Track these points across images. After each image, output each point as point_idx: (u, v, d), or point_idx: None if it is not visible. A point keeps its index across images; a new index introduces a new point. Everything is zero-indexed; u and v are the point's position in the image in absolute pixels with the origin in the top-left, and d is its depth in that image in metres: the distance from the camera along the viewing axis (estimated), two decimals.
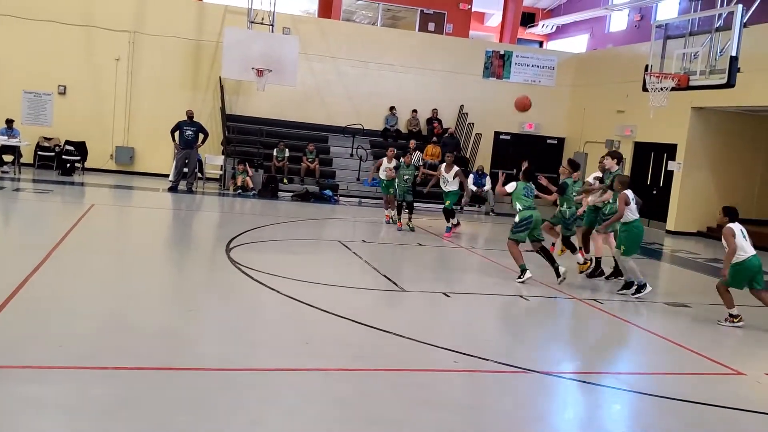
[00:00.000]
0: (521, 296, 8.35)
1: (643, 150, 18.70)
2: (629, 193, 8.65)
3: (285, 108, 20.09)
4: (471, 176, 18.65)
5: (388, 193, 14.12)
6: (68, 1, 18.72)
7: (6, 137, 17.08)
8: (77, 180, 17.30)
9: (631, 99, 18.11)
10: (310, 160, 18.62)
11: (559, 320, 8.01)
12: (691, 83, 11.95)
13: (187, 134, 16.99)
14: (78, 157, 18.58)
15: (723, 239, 7.61)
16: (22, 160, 17.70)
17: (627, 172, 19.07)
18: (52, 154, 18.68)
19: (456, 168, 13.07)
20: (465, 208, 18.44)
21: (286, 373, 5.14)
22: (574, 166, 10.18)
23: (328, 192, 17.69)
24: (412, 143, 18.41)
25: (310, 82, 20.12)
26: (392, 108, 20.92)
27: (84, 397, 4.32)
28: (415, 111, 21.08)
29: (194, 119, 17.39)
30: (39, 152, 18.66)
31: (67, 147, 18.55)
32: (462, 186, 13.28)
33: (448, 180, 13.07)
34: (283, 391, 4.82)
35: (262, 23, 18.80)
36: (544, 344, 6.85)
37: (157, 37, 19.25)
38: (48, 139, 18.83)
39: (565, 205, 9.92)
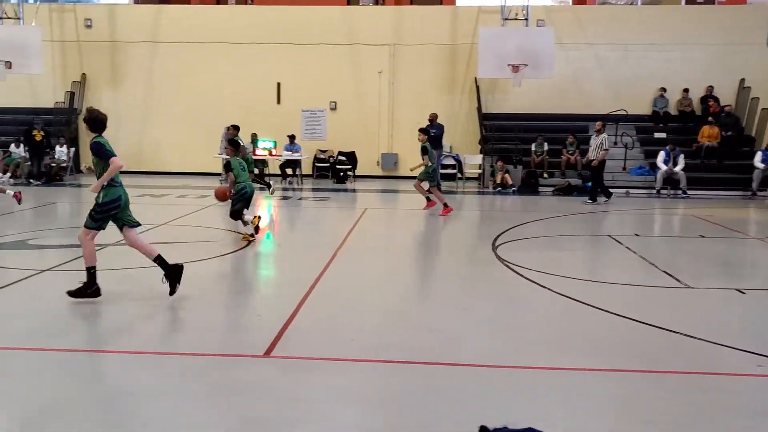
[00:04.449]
0: None
1: None
2: None
3: (541, 101, 19.76)
4: (759, 153, 16.66)
5: None
6: (335, 23, 20.41)
7: (289, 152, 19.10)
8: (349, 187, 18.75)
9: None
10: (570, 152, 18.07)
11: None
12: None
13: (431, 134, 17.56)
14: (349, 166, 20.14)
15: None
16: (302, 172, 19.71)
17: None
18: (327, 164, 20.49)
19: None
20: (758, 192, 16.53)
21: (562, 372, 4.98)
22: (235, 144, 10.46)
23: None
24: (599, 125, 15.85)
25: (566, 72, 19.56)
26: (662, 89, 19.48)
27: (379, 388, 4.60)
28: (686, 90, 19.42)
29: (436, 121, 17.86)
30: (316, 164, 20.59)
31: (340, 157, 20.23)
32: None
33: None
34: (558, 389, 4.68)
35: (515, 18, 18.71)
36: None
37: (415, 46, 20.15)
38: (323, 152, 20.69)
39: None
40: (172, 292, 6.58)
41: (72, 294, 6.34)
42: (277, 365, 4.94)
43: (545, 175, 17.99)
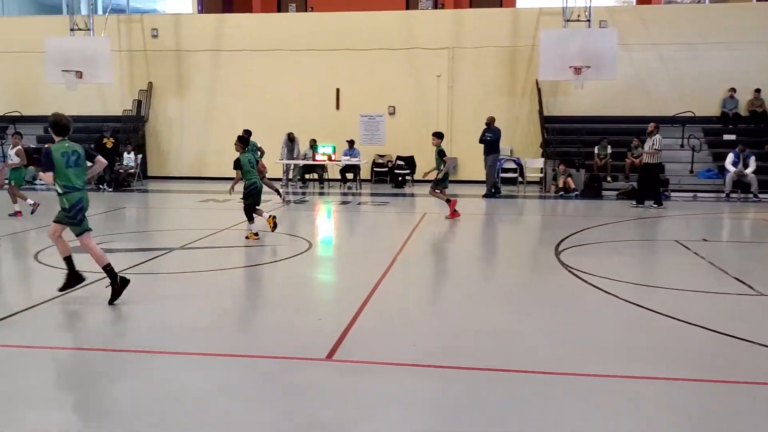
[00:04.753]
0: None
1: None
2: None
3: (604, 103, 19.37)
4: None
5: None
6: (394, 28, 20.48)
7: (348, 157, 19.24)
8: (408, 191, 18.73)
9: None
10: (634, 155, 17.63)
11: None
12: None
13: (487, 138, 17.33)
14: (407, 171, 20.13)
15: None
16: (361, 177, 19.81)
17: None
18: (386, 169, 20.54)
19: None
20: None
21: (629, 380, 4.84)
22: (244, 141, 10.63)
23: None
24: (651, 126, 15.00)
25: (630, 73, 19.12)
26: (732, 90, 18.84)
27: (440, 394, 4.57)
28: (758, 90, 18.74)
29: (493, 125, 17.61)
30: (375, 168, 20.67)
31: (398, 162, 20.24)
32: None
33: None
34: (626, 398, 4.54)
35: (578, 20, 18.41)
36: None
37: (474, 49, 20.03)
38: (381, 156, 20.75)
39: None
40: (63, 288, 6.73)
41: (111, 299, 6.52)
42: (339, 369, 4.97)
43: (609, 178, 17.60)
